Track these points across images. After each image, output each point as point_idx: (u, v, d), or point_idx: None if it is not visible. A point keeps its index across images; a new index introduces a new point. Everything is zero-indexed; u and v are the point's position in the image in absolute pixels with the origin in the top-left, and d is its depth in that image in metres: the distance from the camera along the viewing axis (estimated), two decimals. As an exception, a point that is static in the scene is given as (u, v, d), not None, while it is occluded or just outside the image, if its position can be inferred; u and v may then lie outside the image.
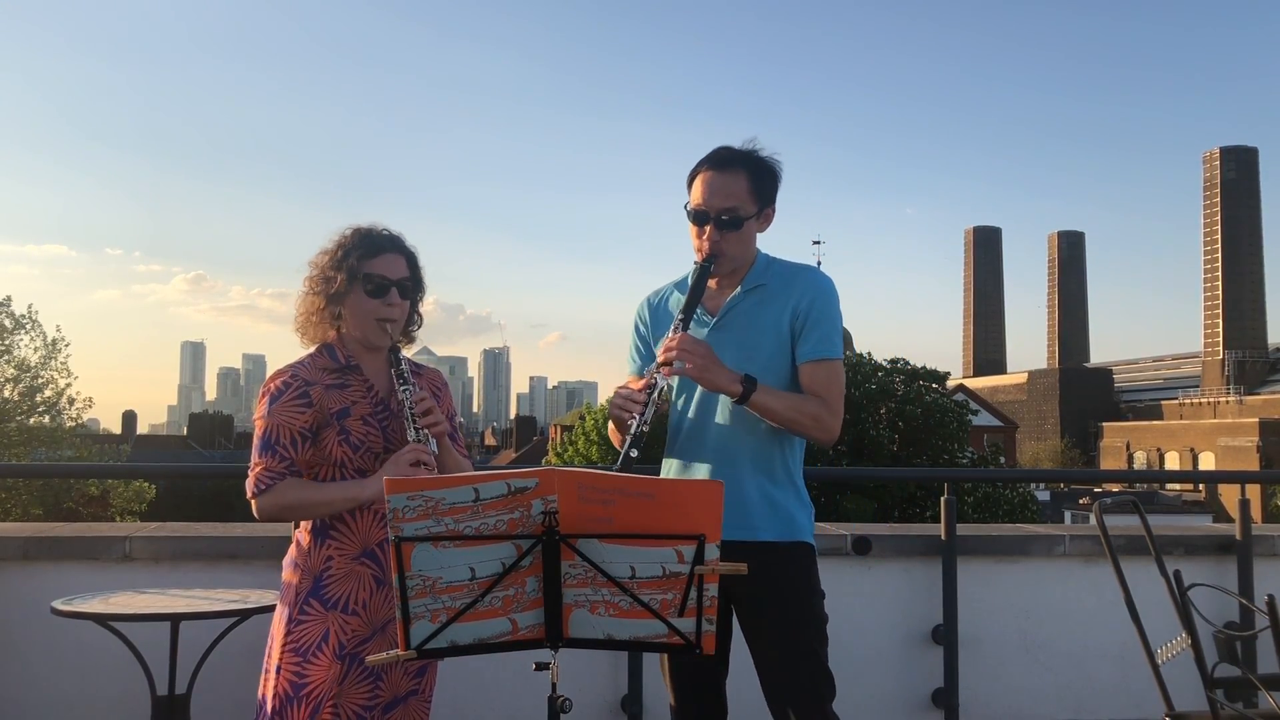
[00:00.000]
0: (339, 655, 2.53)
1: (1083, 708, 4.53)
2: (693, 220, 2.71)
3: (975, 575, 4.48)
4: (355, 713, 2.54)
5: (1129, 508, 3.48)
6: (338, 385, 2.64)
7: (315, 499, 2.57)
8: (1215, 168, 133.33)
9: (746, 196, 2.68)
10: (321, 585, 2.58)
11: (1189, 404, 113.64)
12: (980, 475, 27.09)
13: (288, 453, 2.57)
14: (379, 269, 2.63)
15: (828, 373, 2.67)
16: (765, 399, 2.58)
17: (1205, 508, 44.72)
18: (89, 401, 33.57)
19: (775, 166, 2.74)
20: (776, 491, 2.68)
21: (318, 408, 2.60)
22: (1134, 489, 37.87)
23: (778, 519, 2.65)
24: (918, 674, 4.40)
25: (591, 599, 2.10)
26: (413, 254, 2.72)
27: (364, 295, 2.62)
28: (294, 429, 2.58)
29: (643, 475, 2.11)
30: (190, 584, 3.81)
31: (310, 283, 2.68)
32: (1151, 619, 3.06)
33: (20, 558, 4.00)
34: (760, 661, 2.65)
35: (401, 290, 2.66)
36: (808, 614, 2.65)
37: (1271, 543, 4.78)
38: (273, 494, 2.56)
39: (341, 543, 2.60)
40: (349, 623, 2.56)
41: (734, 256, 2.70)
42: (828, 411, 2.64)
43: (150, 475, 33.32)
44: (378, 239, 2.67)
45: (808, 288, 2.71)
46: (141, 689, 3.35)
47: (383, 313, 2.64)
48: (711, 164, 2.70)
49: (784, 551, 2.64)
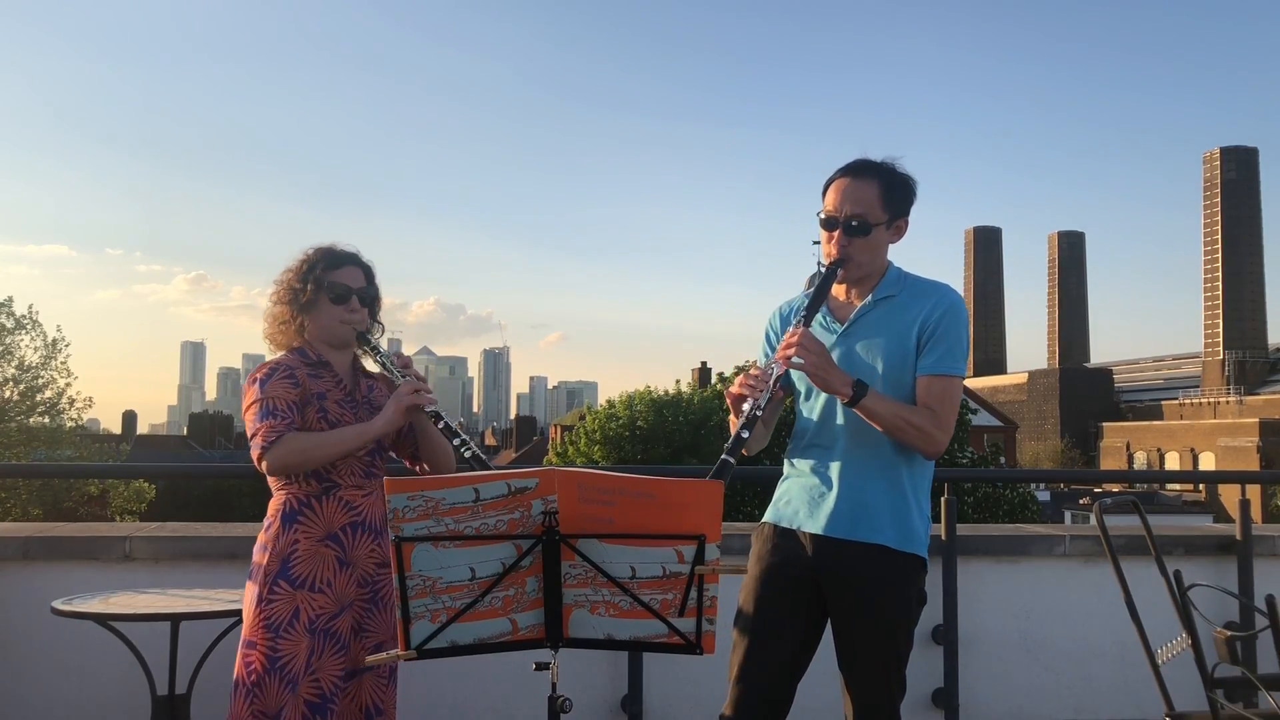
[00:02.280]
0: (309, 630, 2.75)
1: (1083, 708, 4.53)
2: (823, 225, 2.77)
3: (975, 575, 4.48)
4: (333, 684, 2.76)
5: (1129, 508, 3.48)
6: (314, 375, 2.93)
7: (326, 440, 2.81)
8: (1215, 168, 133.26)
9: (876, 204, 2.72)
10: (289, 566, 2.79)
11: (1189, 404, 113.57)
12: (980, 475, 27.07)
13: (287, 414, 2.82)
14: (342, 279, 2.95)
15: (943, 388, 2.70)
16: (874, 404, 2.61)
17: (1205, 508, 44.71)
18: (89, 401, 33.56)
19: (910, 180, 2.79)
20: (898, 499, 2.70)
21: (303, 388, 2.88)
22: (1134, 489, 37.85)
23: (896, 526, 2.68)
24: (918, 674, 4.38)
25: (592, 599, 2.10)
26: (369, 267, 3.03)
27: (329, 303, 2.93)
28: (288, 398, 2.85)
29: (643, 476, 2.11)
30: (190, 584, 3.81)
31: (277, 295, 2.99)
32: (1151, 619, 3.06)
33: (20, 558, 4.00)
34: (847, 659, 2.70)
35: (361, 298, 2.97)
36: (905, 622, 2.71)
37: (1271, 543, 4.78)
38: (281, 444, 2.76)
39: (308, 527, 2.82)
40: (316, 600, 2.77)
41: (861, 263, 2.74)
42: (935, 425, 2.66)
43: (150, 475, 33.30)
44: (339, 254, 2.99)
45: (938, 304, 2.74)
46: (141, 689, 3.35)
47: (345, 317, 2.94)
48: (845, 172, 2.77)
49: (897, 559, 2.67)
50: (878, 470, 2.70)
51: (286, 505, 2.84)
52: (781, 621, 2.70)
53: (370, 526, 2.85)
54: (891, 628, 2.68)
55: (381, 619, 2.85)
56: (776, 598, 2.71)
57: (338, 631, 2.78)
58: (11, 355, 31.57)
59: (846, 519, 2.67)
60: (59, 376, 32.19)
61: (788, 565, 2.70)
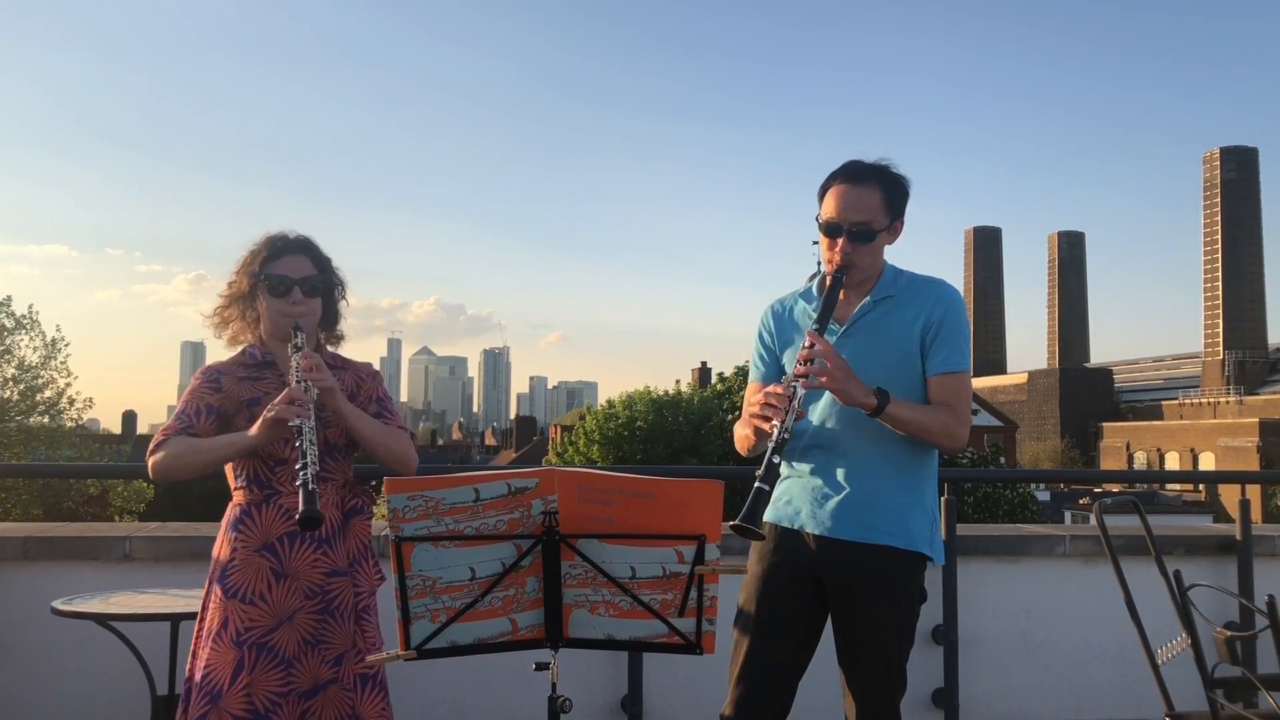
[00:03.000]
0: (236, 642, 2.62)
1: (1083, 708, 4.53)
2: (825, 233, 2.75)
3: (975, 575, 4.48)
4: (269, 699, 2.61)
5: (1129, 508, 3.48)
6: (251, 379, 2.82)
7: (199, 446, 2.69)
8: (1215, 168, 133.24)
9: (879, 210, 2.72)
10: (226, 575, 2.69)
11: (1189, 404, 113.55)
12: (980, 475, 27.07)
13: (189, 418, 2.73)
14: (281, 269, 2.79)
15: (956, 384, 2.73)
16: (899, 410, 2.63)
17: (1205, 508, 44.64)
18: (89, 402, 33.55)
19: (906, 182, 2.79)
20: (903, 498, 2.72)
21: (226, 394, 2.78)
22: (1134, 489, 37.87)
23: (902, 525, 2.69)
24: (918, 674, 4.37)
25: (591, 599, 2.10)
26: (321, 255, 2.87)
27: (269, 295, 2.79)
28: (200, 403, 2.76)
29: (643, 476, 2.11)
30: (190, 584, 3.80)
31: (227, 286, 2.86)
32: (1151, 619, 3.06)
33: (20, 558, 4.00)
34: (849, 658, 2.71)
35: (306, 289, 2.80)
36: (909, 620, 2.72)
37: (1271, 543, 4.77)
38: (163, 448, 2.68)
39: (245, 535, 2.70)
40: (247, 612, 2.64)
41: (864, 268, 2.75)
42: (956, 421, 2.70)
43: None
44: (281, 242, 2.84)
45: (939, 301, 2.75)
46: (141, 689, 3.35)
47: (288, 309, 2.78)
48: (845, 178, 2.74)
49: (903, 558, 2.68)
50: (881, 469, 2.70)
51: (232, 512, 2.76)
52: (783, 621, 2.70)
53: (312, 535, 2.68)
54: (895, 626, 2.69)
55: (339, 629, 2.69)
56: (778, 597, 2.71)
57: (274, 646, 2.63)
58: (11, 355, 31.57)
59: (852, 519, 2.67)
60: (59, 376, 32.20)
61: (789, 565, 2.70)
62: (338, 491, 2.77)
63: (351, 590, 2.74)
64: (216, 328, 2.88)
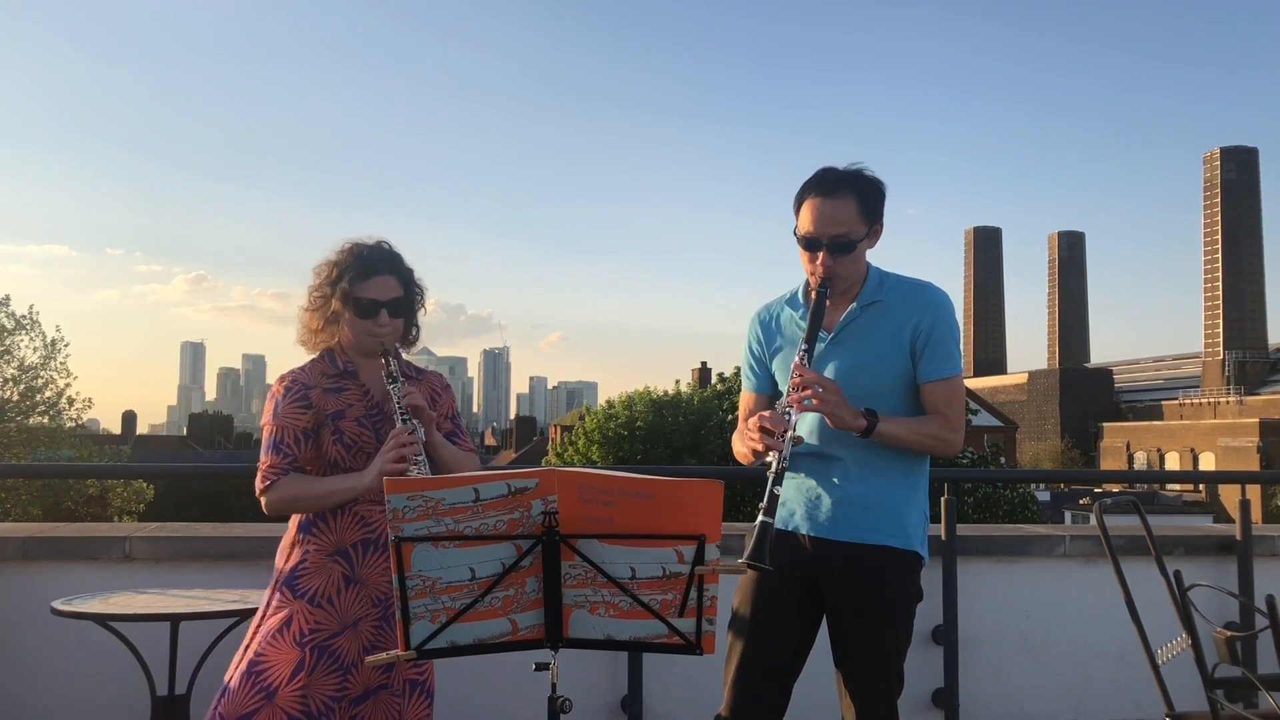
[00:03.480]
0: (299, 643, 2.66)
1: (1083, 708, 4.53)
2: (804, 247, 2.73)
3: (975, 575, 4.48)
4: (324, 703, 2.64)
5: (1129, 508, 3.48)
6: (334, 389, 2.81)
7: (316, 491, 2.73)
8: (1215, 168, 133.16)
9: (856, 219, 2.69)
10: (295, 577, 2.74)
11: (1189, 404, 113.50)
12: (980, 475, 27.04)
13: (291, 450, 2.75)
14: (369, 292, 2.77)
15: (948, 390, 2.72)
16: (889, 428, 2.63)
17: (1205, 508, 44.64)
18: (89, 402, 33.56)
19: (880, 185, 2.75)
20: (897, 498, 2.71)
21: (316, 409, 2.78)
22: (1134, 489, 37.85)
23: (896, 525, 2.69)
24: (918, 674, 4.39)
25: (591, 599, 2.10)
26: (406, 272, 2.85)
27: (355, 316, 2.78)
28: (297, 429, 2.76)
29: (643, 476, 2.11)
30: (190, 584, 3.81)
31: (310, 299, 2.85)
32: (1151, 619, 3.06)
33: (20, 558, 4.00)
34: (847, 659, 2.70)
35: (392, 310, 2.80)
36: (905, 620, 2.72)
37: (1271, 543, 4.78)
38: (277, 489, 2.72)
39: (319, 540, 2.75)
40: (314, 614, 2.68)
41: (847, 277, 2.73)
42: (948, 429, 2.69)
43: (150, 475, 33.30)
44: (370, 261, 2.80)
45: (929, 306, 2.73)
46: (141, 689, 3.35)
47: (373, 331, 2.78)
48: (819, 190, 2.70)
49: (898, 558, 2.68)
50: (875, 470, 2.70)
51: (304, 517, 2.80)
52: (777, 625, 2.70)
53: (384, 544, 2.72)
54: (892, 626, 2.69)
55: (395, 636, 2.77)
56: (772, 601, 2.71)
57: (336, 650, 2.68)
58: (11, 355, 31.58)
59: (847, 520, 2.67)
60: (59, 377, 32.21)
61: (784, 567, 2.69)
62: None
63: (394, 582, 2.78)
64: (306, 343, 2.89)
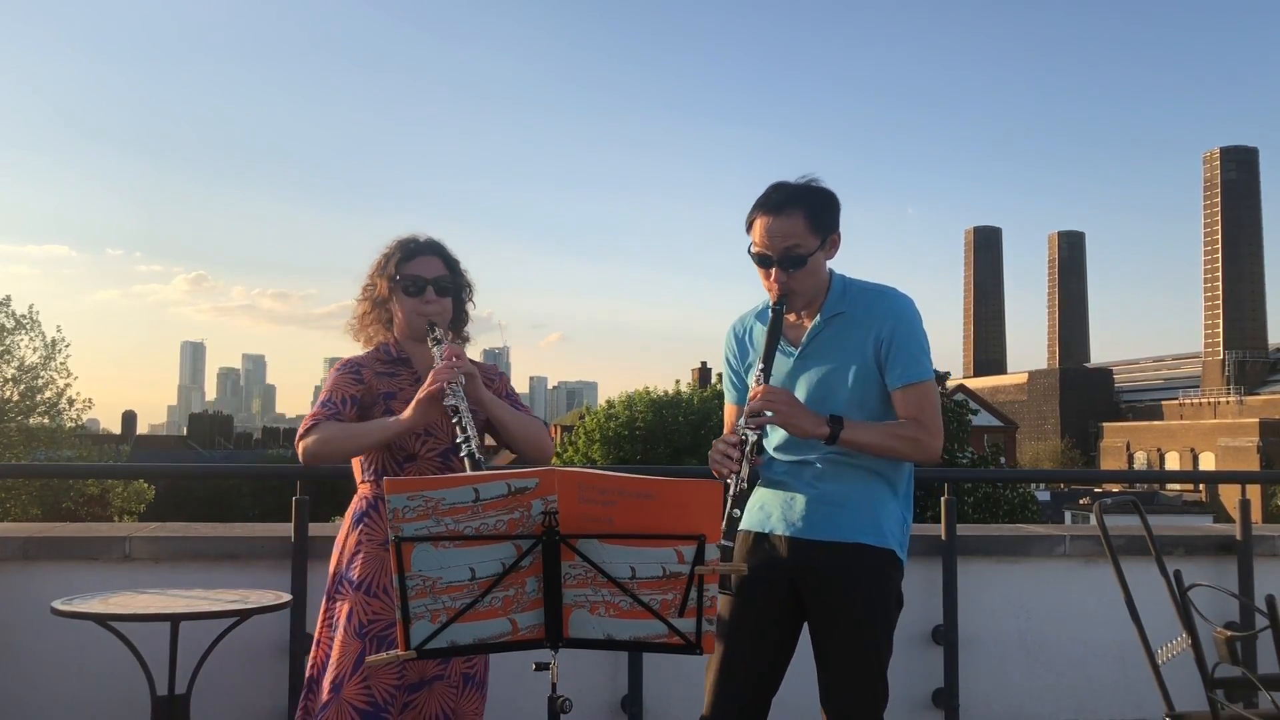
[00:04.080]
0: (359, 634, 2.71)
1: (1083, 708, 4.53)
2: (757, 263, 2.73)
3: (975, 575, 4.48)
4: (387, 693, 2.69)
5: (1129, 508, 3.48)
6: (388, 374, 2.93)
7: (353, 430, 2.78)
8: (1215, 168, 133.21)
9: (806, 233, 2.67)
10: (350, 567, 2.79)
11: (1189, 404, 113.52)
12: (980, 475, 27.08)
13: (336, 406, 2.83)
14: (414, 270, 2.90)
15: (919, 394, 2.69)
16: (855, 434, 2.62)
17: (1205, 508, 44.62)
18: (89, 403, 33.61)
19: (832, 197, 2.74)
20: (872, 496, 2.70)
21: (367, 386, 2.89)
22: (1134, 489, 37.80)
23: (870, 522, 2.68)
24: (918, 674, 4.40)
25: (591, 599, 2.10)
26: (451, 257, 2.99)
27: (403, 294, 2.90)
28: (345, 391, 2.86)
29: (643, 476, 2.11)
30: (190, 584, 3.80)
31: (362, 291, 2.99)
32: (1151, 619, 3.06)
33: (20, 558, 4.00)
34: (825, 663, 2.67)
35: (439, 288, 2.91)
36: (884, 622, 2.68)
37: (1271, 543, 4.78)
38: (313, 432, 2.78)
39: (371, 530, 2.80)
40: (370, 604, 2.73)
41: (804, 292, 2.72)
42: (924, 433, 2.67)
43: (150, 475, 33.32)
44: (414, 244, 2.96)
45: (889, 314, 2.71)
46: (141, 689, 3.35)
47: (422, 308, 2.89)
48: (766, 208, 2.69)
49: (871, 555, 2.66)
50: (849, 470, 2.69)
51: (358, 505, 2.85)
52: (756, 631, 2.69)
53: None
54: (869, 626, 2.64)
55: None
56: (751, 606, 2.69)
57: (393, 640, 2.67)
58: (11, 355, 31.60)
59: (823, 519, 2.66)
60: (59, 377, 32.25)
61: (762, 571, 2.68)
62: None
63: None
64: (355, 333, 2.99)
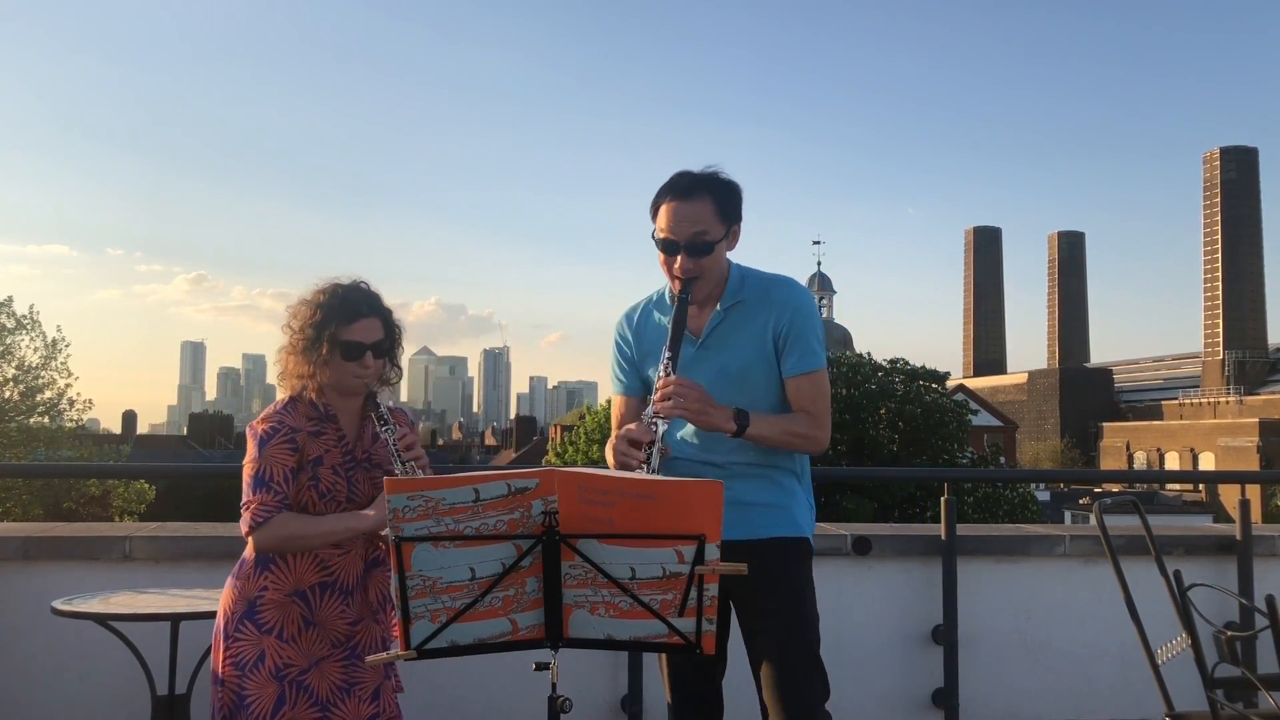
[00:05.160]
0: (276, 677, 2.64)
1: (1083, 708, 4.53)
2: (662, 249, 2.73)
3: (975, 575, 4.48)
4: None
5: (1129, 508, 3.48)
6: (315, 433, 2.78)
7: (313, 530, 2.68)
8: (1215, 168, 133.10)
9: (713, 220, 2.70)
10: (256, 610, 2.70)
11: (1189, 404, 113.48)
12: (980, 475, 27.12)
13: (281, 488, 2.69)
14: (355, 336, 2.76)
15: (812, 385, 2.75)
16: (759, 428, 2.65)
17: (1205, 508, 44.63)
18: (89, 403, 33.59)
19: (737, 187, 2.76)
20: (776, 490, 2.75)
21: (301, 452, 2.74)
22: (1134, 489, 37.79)
23: (782, 516, 2.72)
24: (918, 674, 4.40)
25: (591, 599, 2.10)
26: (387, 313, 2.85)
27: (341, 360, 2.75)
28: (285, 467, 2.71)
29: (644, 476, 2.11)
30: (190, 584, 3.80)
31: (292, 341, 2.80)
32: (1151, 619, 3.06)
33: (20, 558, 4.00)
34: (755, 656, 2.70)
35: (376, 352, 2.80)
36: (803, 609, 2.70)
37: (1271, 543, 4.78)
38: (271, 527, 2.66)
39: (278, 578, 2.72)
40: (284, 650, 2.67)
41: (707, 280, 2.74)
42: (816, 426, 2.73)
43: (150, 475, 33.31)
44: (354, 305, 2.79)
45: (785, 305, 2.75)
46: (141, 689, 3.35)
47: (358, 373, 2.77)
48: (674, 193, 2.71)
49: (789, 546, 2.70)
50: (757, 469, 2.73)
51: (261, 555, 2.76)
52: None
53: (341, 587, 2.75)
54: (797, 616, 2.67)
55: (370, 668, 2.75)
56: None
57: (310, 686, 2.68)
58: (12, 355, 31.60)
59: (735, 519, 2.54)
60: (59, 377, 32.23)
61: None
62: (365, 544, 2.80)
63: (377, 627, 2.80)
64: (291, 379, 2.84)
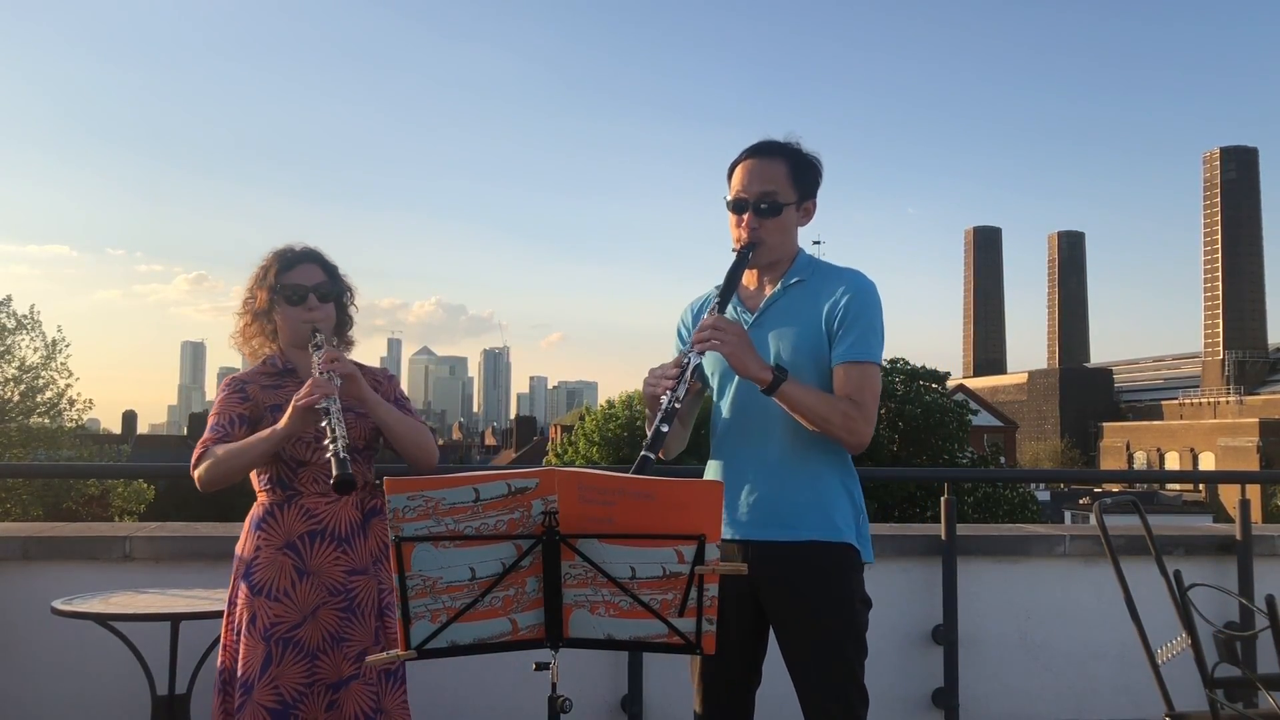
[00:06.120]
0: (264, 637, 2.73)
1: (1083, 708, 4.53)
2: (731, 209, 2.67)
3: (975, 575, 4.48)
4: (296, 690, 2.72)
5: (1129, 508, 3.48)
6: (274, 386, 2.92)
7: (236, 449, 2.77)
8: (1215, 168, 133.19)
9: (786, 184, 2.64)
10: (250, 572, 2.80)
11: (1189, 404, 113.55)
12: (980, 475, 27.12)
13: (224, 428, 2.84)
14: (294, 279, 2.91)
15: (861, 375, 2.56)
16: (795, 391, 2.48)
17: (1205, 508, 44.64)
18: (89, 403, 33.58)
19: (816, 161, 2.70)
20: (822, 491, 2.58)
21: (254, 402, 2.89)
22: (1134, 489, 37.83)
23: (823, 518, 2.56)
24: (918, 674, 4.40)
25: (592, 599, 2.10)
26: (330, 263, 2.99)
27: (285, 304, 2.91)
28: (233, 412, 2.87)
29: (643, 476, 2.11)
30: (190, 584, 3.80)
31: (242, 305, 2.99)
32: (1151, 619, 3.06)
33: (20, 558, 4.00)
34: (793, 666, 2.57)
35: (320, 295, 2.92)
36: (848, 622, 2.56)
37: (1271, 543, 4.78)
38: (205, 459, 2.79)
39: (268, 534, 2.82)
40: (273, 608, 2.75)
41: (773, 246, 2.64)
42: (860, 415, 2.53)
43: (150, 475, 33.26)
44: (291, 254, 2.96)
45: (848, 286, 2.61)
46: (141, 689, 3.35)
47: (305, 316, 2.90)
48: (751, 153, 2.68)
49: (826, 551, 2.55)
50: (797, 463, 2.58)
51: (256, 511, 2.87)
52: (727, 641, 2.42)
53: (333, 534, 2.80)
54: (831, 628, 2.53)
55: (361, 626, 2.79)
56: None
57: (300, 640, 2.74)
58: (12, 355, 31.59)
59: (768, 518, 2.56)
60: (59, 377, 32.22)
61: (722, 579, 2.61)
62: (358, 493, 2.84)
63: (375, 587, 2.84)
64: (240, 345, 3.01)
